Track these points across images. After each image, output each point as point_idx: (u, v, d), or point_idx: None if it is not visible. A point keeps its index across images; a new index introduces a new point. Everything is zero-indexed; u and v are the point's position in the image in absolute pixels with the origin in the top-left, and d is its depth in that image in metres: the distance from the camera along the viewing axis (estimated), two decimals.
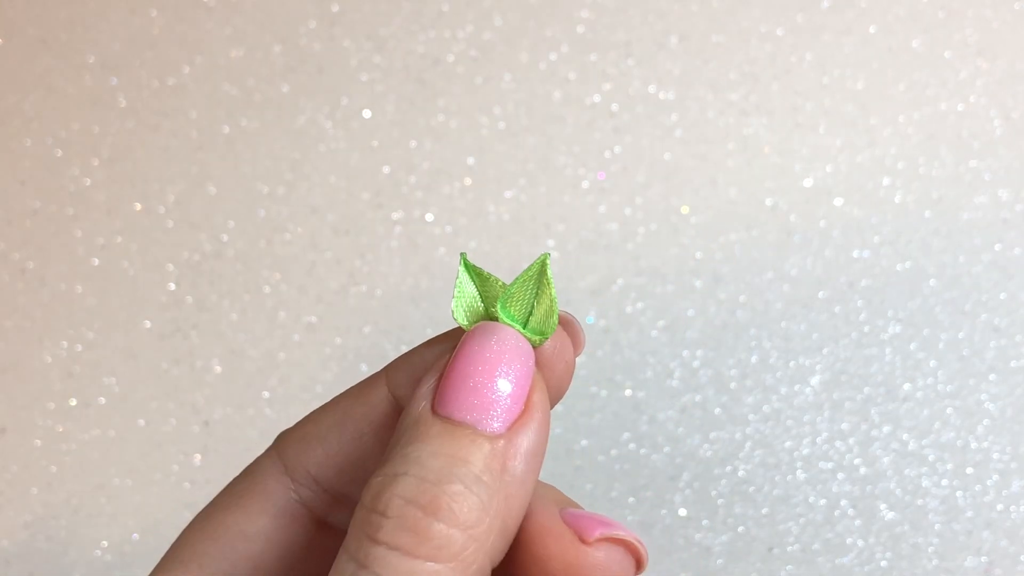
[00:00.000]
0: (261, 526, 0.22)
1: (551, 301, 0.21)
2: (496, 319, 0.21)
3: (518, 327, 0.21)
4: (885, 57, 0.44)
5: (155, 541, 0.43)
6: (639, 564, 0.21)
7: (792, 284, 0.42)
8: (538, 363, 0.21)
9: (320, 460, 0.22)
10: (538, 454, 0.20)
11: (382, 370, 0.23)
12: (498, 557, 0.19)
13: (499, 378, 0.19)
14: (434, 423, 0.19)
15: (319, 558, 0.23)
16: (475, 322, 0.21)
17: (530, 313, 0.21)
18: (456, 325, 0.22)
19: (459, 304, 0.21)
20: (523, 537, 0.21)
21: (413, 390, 0.21)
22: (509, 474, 0.19)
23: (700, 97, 0.44)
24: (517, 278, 0.21)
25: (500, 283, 0.21)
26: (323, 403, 0.23)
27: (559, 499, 0.22)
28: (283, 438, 0.23)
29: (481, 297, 0.21)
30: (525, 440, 0.19)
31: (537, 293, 0.21)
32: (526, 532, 0.21)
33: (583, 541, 0.21)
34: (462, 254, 0.21)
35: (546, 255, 0.21)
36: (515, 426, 0.19)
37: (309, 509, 0.23)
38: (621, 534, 0.21)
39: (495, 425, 0.19)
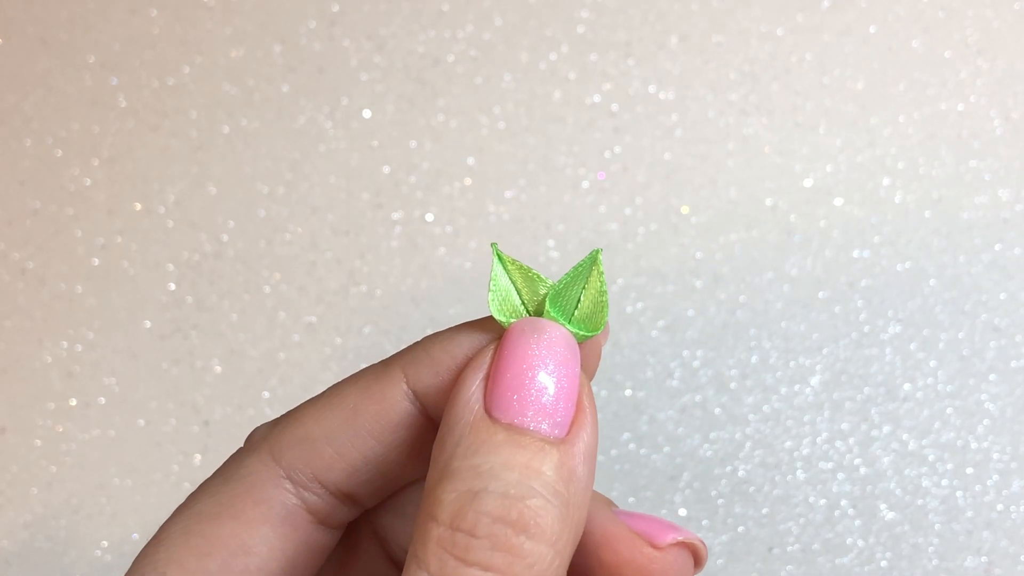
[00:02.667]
0: (263, 536, 0.21)
1: (601, 296, 0.20)
2: (538, 315, 0.20)
3: (565, 323, 0.20)
4: (885, 57, 0.44)
5: None
6: (699, 562, 0.22)
7: (792, 284, 0.42)
8: None
9: (329, 463, 0.21)
10: (595, 455, 0.19)
11: (394, 363, 0.21)
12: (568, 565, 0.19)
13: (555, 379, 0.19)
14: (497, 430, 0.18)
15: (319, 560, 0.22)
16: (511, 317, 0.20)
17: (575, 308, 0.20)
18: (476, 315, 0.21)
19: (494, 298, 0.20)
20: (589, 543, 0.21)
21: (450, 388, 0.20)
22: (575, 481, 0.19)
23: (700, 97, 0.44)
24: (567, 273, 0.20)
25: (543, 278, 0.20)
26: (312, 397, 0.22)
27: (603, 499, 0.22)
28: (277, 440, 0.21)
29: (518, 291, 0.20)
30: (583, 442, 0.19)
31: (585, 288, 0.20)
32: (592, 538, 0.21)
33: (655, 546, 0.21)
34: (493, 244, 0.20)
35: (599, 250, 0.20)
36: (573, 428, 0.19)
37: (312, 513, 0.21)
38: (690, 538, 0.21)
39: (557, 431, 0.19)
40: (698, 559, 0.21)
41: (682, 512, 0.41)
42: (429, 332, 0.43)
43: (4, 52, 0.46)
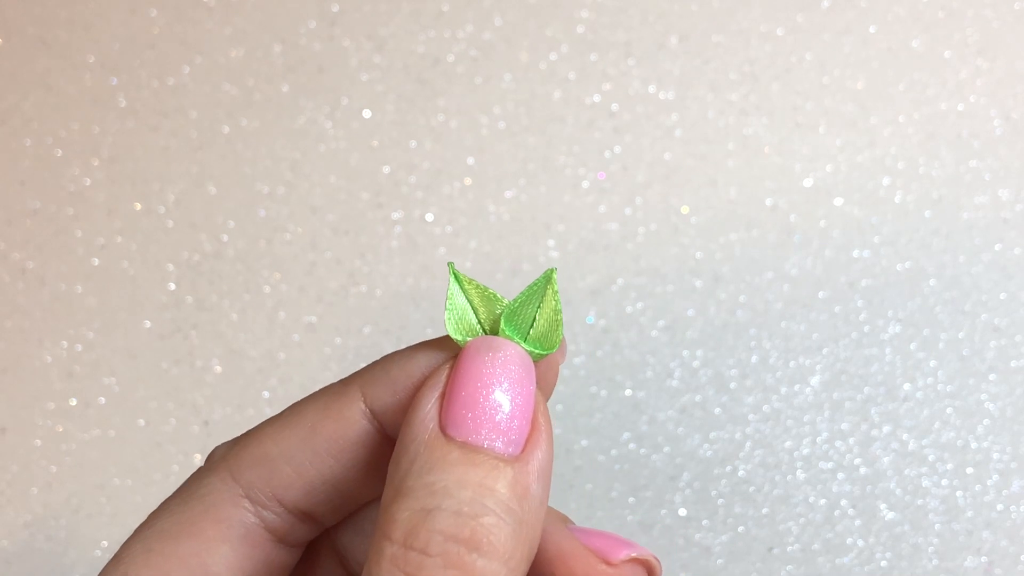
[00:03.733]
0: (222, 555, 0.21)
1: (556, 315, 0.20)
2: (494, 333, 0.20)
3: (520, 342, 0.20)
4: (885, 57, 0.44)
5: None
6: None
7: (792, 284, 0.42)
8: None
9: (287, 481, 0.21)
10: (549, 472, 0.19)
11: (352, 382, 0.21)
12: None
13: (510, 397, 0.19)
14: (451, 448, 0.18)
15: None
16: (467, 336, 0.20)
17: (530, 327, 0.20)
18: (441, 334, 0.21)
19: (451, 317, 0.20)
20: (543, 560, 0.21)
21: (407, 407, 0.20)
22: (528, 498, 0.19)
23: (700, 97, 0.44)
24: (522, 292, 0.20)
25: (499, 297, 0.20)
26: (271, 416, 0.22)
27: (559, 516, 0.22)
28: (236, 459, 0.21)
29: (475, 310, 0.21)
30: (537, 460, 0.19)
31: (540, 307, 0.20)
32: (546, 555, 0.21)
33: (608, 563, 0.21)
34: (450, 264, 0.20)
35: (553, 269, 0.20)
36: (528, 446, 0.19)
37: (271, 531, 0.22)
38: (644, 554, 0.21)
39: (511, 448, 0.19)
40: (652, 575, 0.21)
41: (682, 512, 0.41)
42: (429, 332, 0.43)
43: (4, 52, 0.46)
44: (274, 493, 0.21)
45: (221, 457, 0.22)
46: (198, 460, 0.43)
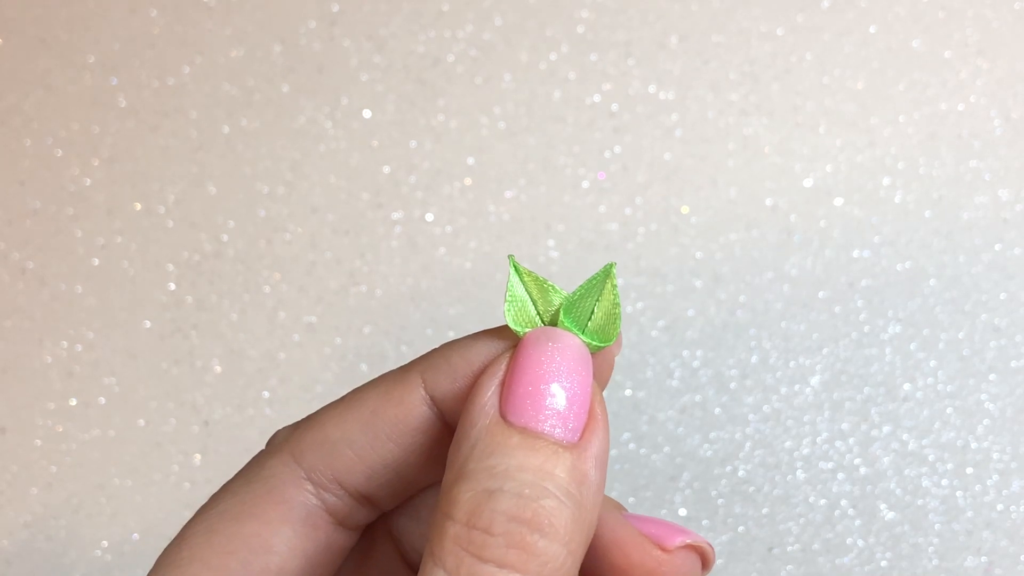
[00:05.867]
0: (284, 536, 0.21)
1: (614, 308, 0.21)
2: (552, 324, 0.21)
3: (578, 334, 0.20)
4: (885, 57, 0.44)
5: (155, 541, 0.43)
6: (707, 565, 0.22)
7: (792, 284, 0.42)
8: None
9: (349, 465, 0.22)
10: (606, 460, 0.20)
11: (413, 369, 0.22)
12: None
13: (568, 387, 0.19)
14: (511, 433, 0.19)
15: (337, 560, 0.23)
16: (526, 327, 0.21)
17: (588, 320, 0.21)
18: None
19: (511, 308, 0.21)
20: (599, 546, 0.21)
21: (467, 394, 0.20)
22: (587, 484, 0.19)
23: (700, 97, 0.44)
24: (581, 285, 0.21)
25: (556, 289, 0.21)
26: (332, 401, 0.22)
27: (614, 503, 0.23)
28: (298, 442, 0.22)
29: (534, 302, 0.21)
30: (595, 447, 0.19)
31: (599, 300, 0.21)
32: (602, 541, 0.21)
33: (663, 549, 0.21)
34: (510, 256, 0.21)
35: (612, 264, 0.21)
36: (585, 434, 0.19)
37: (331, 514, 0.22)
38: (699, 541, 0.22)
39: (570, 435, 0.19)
40: (706, 562, 0.22)
41: (682, 512, 0.41)
42: (429, 332, 0.43)
43: (4, 52, 0.46)
44: (335, 476, 0.22)
45: (283, 440, 0.22)
46: (198, 460, 0.43)
